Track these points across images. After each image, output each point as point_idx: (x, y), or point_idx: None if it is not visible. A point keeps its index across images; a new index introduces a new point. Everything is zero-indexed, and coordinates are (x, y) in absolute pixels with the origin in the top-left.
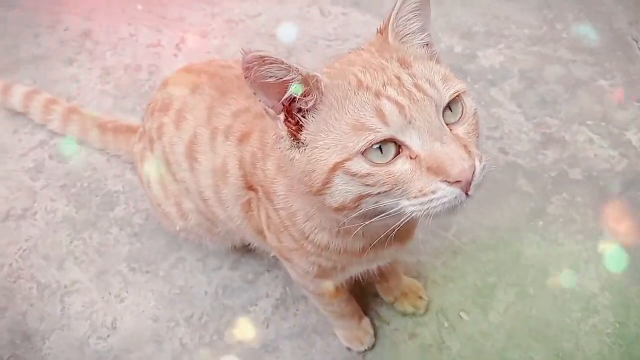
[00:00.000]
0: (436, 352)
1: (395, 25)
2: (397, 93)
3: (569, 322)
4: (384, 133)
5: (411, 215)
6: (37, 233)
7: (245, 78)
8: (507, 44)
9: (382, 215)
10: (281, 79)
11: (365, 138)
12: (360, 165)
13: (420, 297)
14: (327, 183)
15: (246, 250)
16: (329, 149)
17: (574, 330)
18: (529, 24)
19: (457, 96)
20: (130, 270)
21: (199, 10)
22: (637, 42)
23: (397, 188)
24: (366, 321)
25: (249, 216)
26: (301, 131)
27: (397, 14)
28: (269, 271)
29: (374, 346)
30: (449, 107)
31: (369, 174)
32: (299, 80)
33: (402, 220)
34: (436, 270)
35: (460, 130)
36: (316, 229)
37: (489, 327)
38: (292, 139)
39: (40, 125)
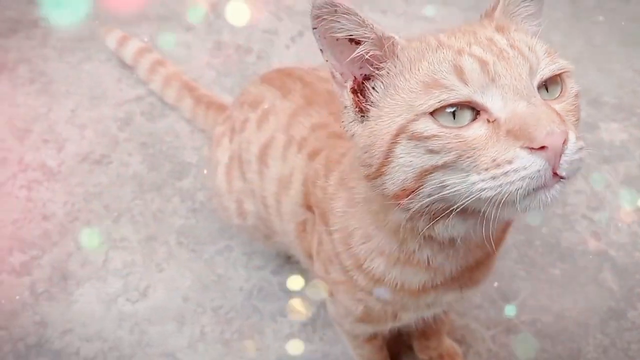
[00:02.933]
0: None
1: (506, 3)
2: (484, 51)
3: None
4: (460, 92)
5: (479, 195)
6: (106, 181)
7: (314, 29)
8: (637, 123)
9: (450, 208)
10: (351, 35)
11: (438, 96)
12: (425, 125)
13: None
14: (387, 156)
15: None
16: (392, 113)
17: None
18: None
19: (559, 76)
20: (177, 243)
21: None
22: None
23: (466, 156)
24: None
25: (302, 236)
26: (367, 102)
27: None
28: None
29: None
30: (545, 85)
31: (434, 135)
32: (372, 41)
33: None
34: (483, 341)
35: (556, 106)
36: (373, 252)
37: None
38: (357, 110)
39: (142, 81)
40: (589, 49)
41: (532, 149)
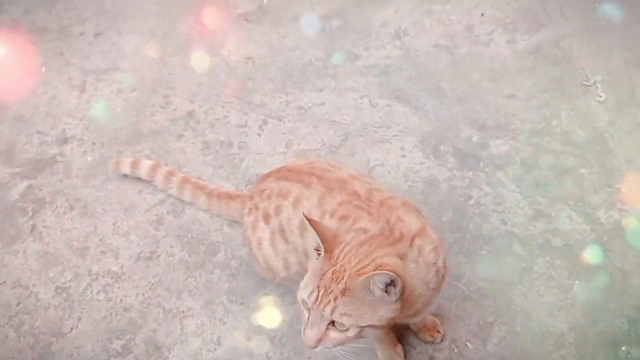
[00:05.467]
0: None
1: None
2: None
3: (544, 352)
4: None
5: None
6: (160, 271)
7: None
8: (512, 136)
9: None
10: None
11: None
12: None
13: (438, 331)
14: None
15: None
16: None
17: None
18: (530, 120)
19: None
20: (229, 301)
21: (276, 97)
22: (612, 138)
23: None
24: (399, 346)
25: None
26: None
27: None
28: None
29: None
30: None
31: None
32: None
33: None
34: (450, 310)
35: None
36: None
37: (486, 355)
38: None
39: (160, 190)
40: (467, 89)
41: None
